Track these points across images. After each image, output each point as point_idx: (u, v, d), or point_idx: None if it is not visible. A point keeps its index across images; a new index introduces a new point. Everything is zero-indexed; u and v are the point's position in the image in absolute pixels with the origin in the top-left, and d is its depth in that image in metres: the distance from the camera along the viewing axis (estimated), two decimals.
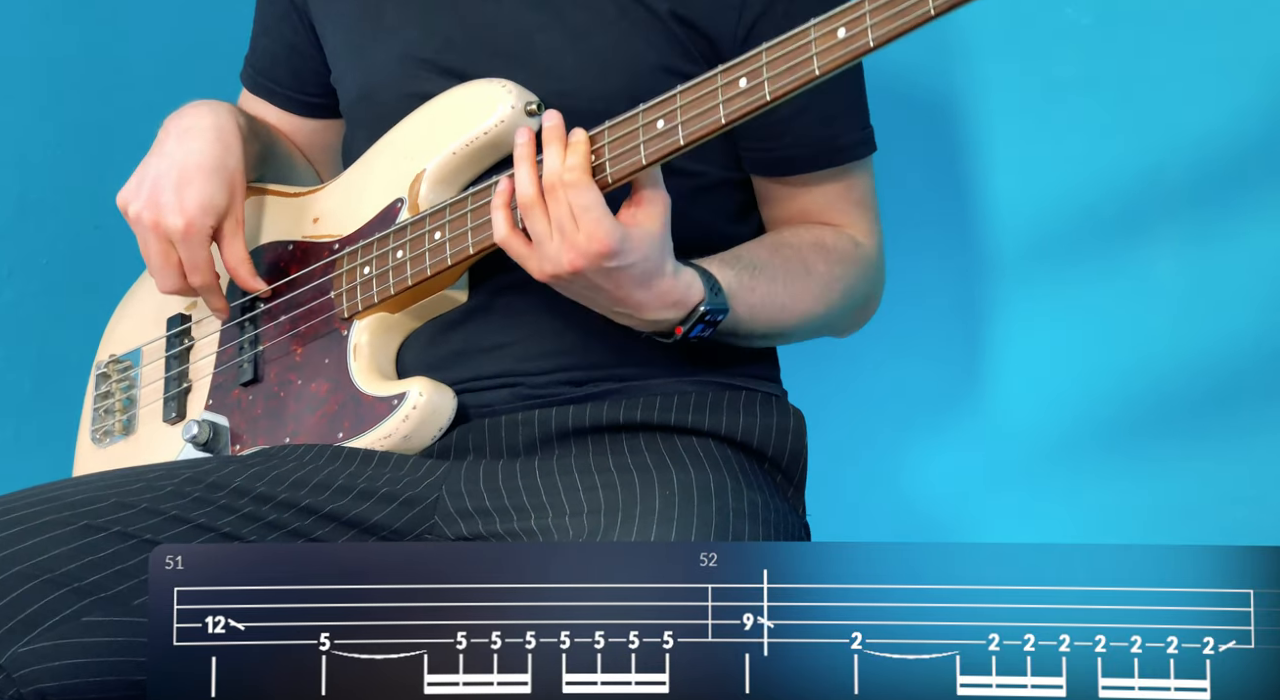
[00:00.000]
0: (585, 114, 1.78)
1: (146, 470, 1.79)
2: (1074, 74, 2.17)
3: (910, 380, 2.33)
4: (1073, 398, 2.25)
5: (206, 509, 1.74)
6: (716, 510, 1.68)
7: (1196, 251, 2.18)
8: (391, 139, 1.89)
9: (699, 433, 1.81)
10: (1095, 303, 2.23)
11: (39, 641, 1.62)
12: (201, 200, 1.87)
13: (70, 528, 1.69)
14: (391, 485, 1.77)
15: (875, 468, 2.34)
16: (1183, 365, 2.19)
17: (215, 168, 1.89)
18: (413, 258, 1.82)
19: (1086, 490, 2.24)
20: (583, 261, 1.68)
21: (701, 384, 1.85)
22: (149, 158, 1.92)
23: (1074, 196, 2.23)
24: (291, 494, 1.76)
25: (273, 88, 2.07)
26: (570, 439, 1.81)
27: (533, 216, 1.70)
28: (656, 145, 1.70)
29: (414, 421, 1.80)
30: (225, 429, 1.91)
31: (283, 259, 1.94)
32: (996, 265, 2.29)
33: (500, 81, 1.82)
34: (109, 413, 2.02)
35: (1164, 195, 2.19)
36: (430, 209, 1.83)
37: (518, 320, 1.84)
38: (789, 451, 1.85)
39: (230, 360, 1.94)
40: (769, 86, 1.65)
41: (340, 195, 1.94)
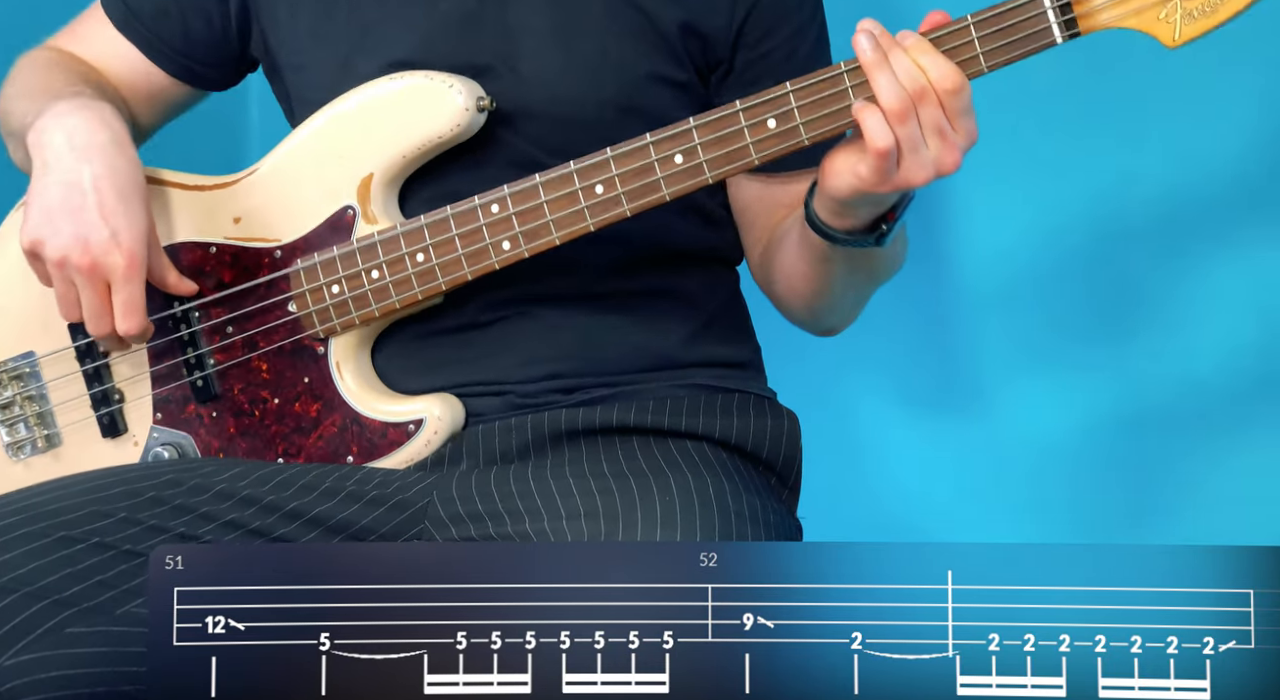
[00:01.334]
0: (566, 119, 1.77)
1: (126, 470, 1.75)
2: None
3: (896, 381, 2.33)
4: (1069, 398, 2.25)
5: (186, 516, 1.70)
6: (718, 514, 1.67)
7: (1195, 252, 2.18)
8: (317, 133, 1.81)
9: (693, 437, 1.80)
10: (1088, 303, 2.23)
11: (23, 655, 1.59)
12: (134, 230, 1.74)
13: (47, 540, 1.65)
14: (380, 489, 1.75)
15: (861, 469, 2.34)
16: (1180, 366, 2.20)
17: (131, 188, 1.75)
18: (395, 281, 1.77)
19: (1081, 491, 2.25)
20: (960, 160, 1.63)
21: (693, 388, 1.83)
22: (45, 185, 1.75)
23: (1060, 199, 2.23)
24: (277, 496, 1.73)
25: (153, 40, 1.91)
26: (563, 443, 1.79)
27: (908, 123, 1.61)
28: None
29: (436, 444, 1.78)
30: (190, 445, 1.84)
31: (206, 262, 1.83)
32: (990, 267, 2.29)
33: (444, 78, 1.76)
34: (17, 424, 1.89)
35: (1148, 194, 2.20)
36: (402, 228, 1.77)
37: (506, 332, 1.81)
38: (783, 454, 1.84)
39: (173, 374, 1.84)
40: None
41: (263, 192, 1.83)
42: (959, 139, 1.62)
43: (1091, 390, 2.23)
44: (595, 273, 1.81)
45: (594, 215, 1.72)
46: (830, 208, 1.69)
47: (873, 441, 2.36)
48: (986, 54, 1.61)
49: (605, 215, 1.72)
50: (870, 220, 1.69)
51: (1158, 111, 2.19)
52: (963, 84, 1.61)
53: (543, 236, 1.73)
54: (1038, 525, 2.25)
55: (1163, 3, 1.58)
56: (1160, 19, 1.59)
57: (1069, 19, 1.60)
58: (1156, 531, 2.19)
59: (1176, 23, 1.58)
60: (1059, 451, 2.25)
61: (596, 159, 1.71)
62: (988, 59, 1.62)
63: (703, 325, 1.86)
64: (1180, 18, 1.58)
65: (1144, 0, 1.59)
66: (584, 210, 1.72)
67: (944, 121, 1.61)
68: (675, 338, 1.84)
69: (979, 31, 1.61)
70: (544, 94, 1.79)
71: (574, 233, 1.73)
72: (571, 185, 1.72)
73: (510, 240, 1.74)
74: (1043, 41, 1.61)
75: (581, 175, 1.71)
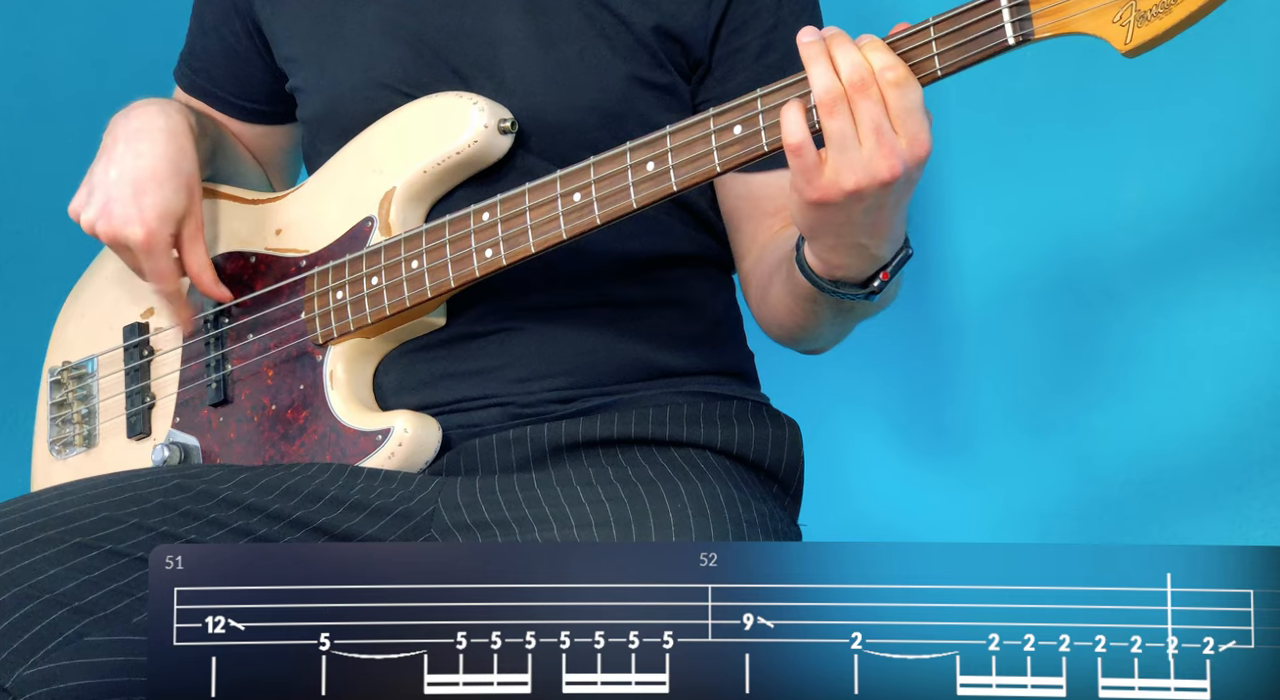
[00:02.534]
0: (553, 127, 1.77)
1: (132, 476, 1.75)
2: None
3: (884, 388, 2.33)
4: (1066, 400, 2.26)
5: (195, 523, 1.70)
6: (730, 521, 1.65)
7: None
8: (357, 149, 1.84)
9: (695, 446, 1.79)
10: (1079, 315, 2.24)
11: (44, 664, 1.59)
12: (159, 208, 1.82)
13: (63, 546, 1.65)
14: (385, 499, 1.74)
15: (844, 475, 2.34)
16: (1180, 366, 2.20)
17: (171, 173, 1.83)
18: (389, 287, 1.78)
19: (1082, 491, 2.25)
20: (899, 169, 1.53)
21: (692, 395, 1.82)
22: (97, 164, 1.86)
23: (1044, 208, 2.23)
24: (282, 504, 1.73)
25: (212, 91, 2.00)
26: (564, 454, 1.78)
27: (838, 117, 1.53)
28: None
29: (400, 457, 1.77)
30: (196, 450, 1.87)
31: (245, 271, 1.89)
32: (986, 270, 2.29)
33: (470, 97, 1.78)
34: (66, 423, 1.96)
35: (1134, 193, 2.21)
36: (404, 234, 1.78)
37: (503, 344, 1.80)
38: (785, 462, 1.83)
39: (196, 377, 1.89)
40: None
41: (304, 206, 1.88)
42: (899, 142, 1.53)
43: (1090, 389, 2.23)
44: (588, 283, 1.81)
45: (567, 222, 1.71)
46: (815, 252, 1.63)
47: (859, 446, 2.36)
48: (941, 55, 1.56)
49: (577, 223, 1.70)
50: (862, 276, 1.64)
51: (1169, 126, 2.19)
52: (908, 77, 1.54)
53: (520, 244, 1.73)
54: (1039, 524, 2.25)
55: (1118, 5, 1.52)
56: (1114, 22, 1.53)
57: (1023, 18, 1.54)
58: (1156, 531, 2.19)
59: (1130, 25, 1.52)
60: (1059, 450, 2.25)
61: (579, 167, 1.70)
62: (942, 61, 1.56)
63: (700, 332, 1.86)
64: (1134, 19, 1.51)
65: (1099, 1, 1.53)
66: (559, 218, 1.71)
67: (883, 120, 1.53)
68: (672, 346, 1.84)
69: (937, 33, 1.56)
70: (527, 102, 1.79)
71: (548, 241, 1.72)
72: (553, 193, 1.71)
73: (492, 248, 1.74)
74: (995, 42, 1.54)
75: (563, 183, 1.71)
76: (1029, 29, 1.55)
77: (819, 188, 1.55)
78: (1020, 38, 1.55)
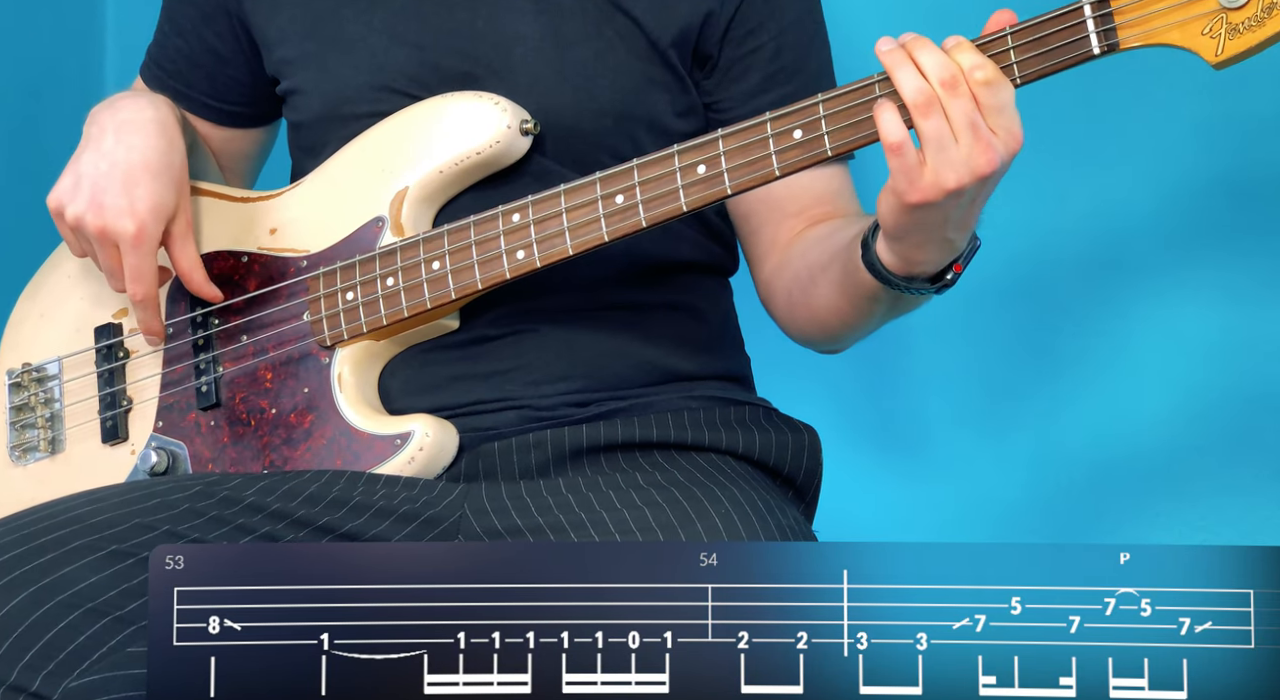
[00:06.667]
0: (567, 129, 1.76)
1: (154, 484, 1.72)
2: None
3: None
4: (1061, 394, 2.26)
5: (224, 529, 1.67)
6: (775, 527, 1.64)
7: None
8: (360, 149, 1.82)
9: (716, 450, 1.77)
10: (1081, 309, 2.23)
11: (89, 675, 1.55)
12: (152, 202, 1.78)
13: (100, 553, 1.61)
14: (410, 504, 1.70)
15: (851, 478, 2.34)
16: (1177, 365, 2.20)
17: (163, 166, 1.79)
18: (407, 288, 1.75)
19: (1081, 491, 2.25)
20: (997, 162, 1.54)
21: (704, 399, 1.81)
22: (83, 154, 1.80)
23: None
24: (307, 510, 1.69)
25: (184, 91, 1.94)
26: (583, 459, 1.75)
27: (933, 117, 1.53)
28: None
29: (420, 462, 1.74)
30: (184, 456, 1.82)
31: (236, 271, 1.84)
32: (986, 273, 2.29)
33: (492, 97, 1.76)
34: (28, 427, 1.90)
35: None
36: (423, 235, 1.75)
37: (517, 346, 1.78)
38: (805, 468, 1.81)
39: (182, 380, 1.84)
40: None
41: (303, 205, 1.85)
42: (994, 137, 1.54)
43: (1087, 387, 2.23)
44: (601, 287, 1.80)
45: (609, 225, 1.69)
46: (896, 251, 1.62)
47: (850, 452, 2.36)
48: (1020, 64, 1.55)
49: (620, 225, 1.68)
50: (937, 268, 1.63)
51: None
52: (998, 75, 1.54)
53: (556, 246, 1.71)
54: (1038, 524, 2.25)
55: (1208, 17, 1.52)
56: (1203, 34, 1.52)
57: (1108, 29, 1.54)
58: (1157, 531, 2.19)
59: (1221, 38, 1.51)
60: (1058, 450, 2.25)
61: (621, 169, 1.69)
62: (1021, 69, 1.56)
63: (706, 337, 1.85)
64: (1225, 32, 1.51)
65: (1189, 13, 1.53)
66: (600, 220, 1.69)
67: (977, 116, 1.53)
68: (682, 350, 1.82)
69: (1015, 41, 1.56)
70: (541, 104, 1.77)
71: (587, 243, 1.70)
72: (593, 194, 1.69)
73: (524, 249, 1.72)
74: (1079, 52, 1.55)
75: (604, 184, 1.69)
76: (1114, 39, 1.55)
77: (921, 189, 1.55)
78: (1106, 47, 1.55)
